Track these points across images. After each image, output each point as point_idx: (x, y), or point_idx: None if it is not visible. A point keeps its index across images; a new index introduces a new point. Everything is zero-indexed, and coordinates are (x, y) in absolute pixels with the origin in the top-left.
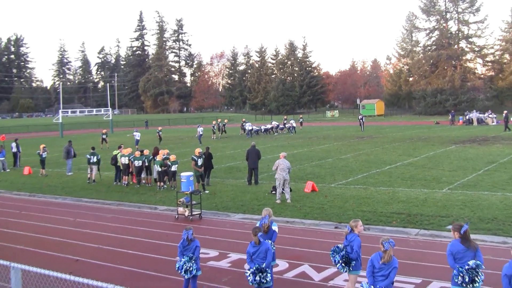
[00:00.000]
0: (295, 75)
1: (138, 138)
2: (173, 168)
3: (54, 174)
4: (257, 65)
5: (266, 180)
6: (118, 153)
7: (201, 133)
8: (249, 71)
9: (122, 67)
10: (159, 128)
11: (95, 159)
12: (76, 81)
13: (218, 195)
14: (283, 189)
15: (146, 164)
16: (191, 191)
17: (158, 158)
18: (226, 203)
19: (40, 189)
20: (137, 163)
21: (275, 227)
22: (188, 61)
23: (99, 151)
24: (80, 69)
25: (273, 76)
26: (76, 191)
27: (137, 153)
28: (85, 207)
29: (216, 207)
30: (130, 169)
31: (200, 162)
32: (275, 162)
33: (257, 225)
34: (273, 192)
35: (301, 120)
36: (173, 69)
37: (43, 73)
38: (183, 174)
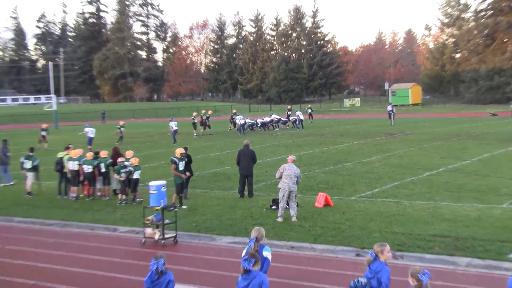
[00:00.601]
0: (302, 51)
1: (92, 136)
2: (135, 175)
3: None
4: (251, 38)
5: (263, 191)
6: (65, 155)
7: (175, 128)
8: (241, 46)
9: (70, 40)
10: (121, 123)
11: (29, 165)
12: (7, 59)
13: (199, 212)
14: (287, 203)
15: (103, 170)
16: (162, 206)
17: (117, 162)
18: (210, 222)
19: None
20: (88, 168)
21: (267, 253)
22: (159, 33)
23: (38, 154)
24: (12, 43)
25: (273, 52)
26: (5, 207)
27: (89, 155)
28: (17, 229)
29: (197, 228)
30: (81, 177)
31: (181, 166)
32: (279, 167)
33: (244, 250)
34: (273, 207)
35: (309, 111)
36: (139, 43)
37: None
38: (152, 183)
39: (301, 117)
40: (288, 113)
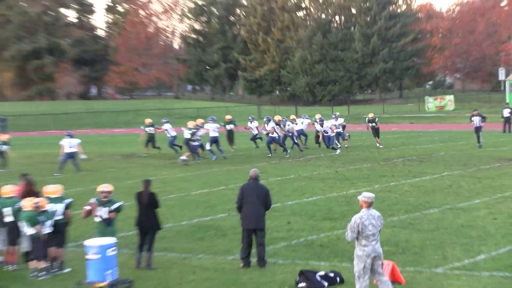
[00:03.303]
0: (353, 11)
1: None
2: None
3: None
4: None
5: (284, 257)
6: None
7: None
8: (245, 3)
9: None
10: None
11: None
12: None
13: None
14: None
15: (7, 218)
16: (111, 282)
17: (28, 205)
18: None
19: None
20: None
21: None
22: None
23: None
24: None
25: (300, 14)
26: None
27: None
28: None
29: None
30: None
31: (104, 213)
32: (353, 222)
33: None
34: (301, 284)
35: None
36: None
37: None
38: (91, 242)
39: (340, 129)
40: (319, 121)
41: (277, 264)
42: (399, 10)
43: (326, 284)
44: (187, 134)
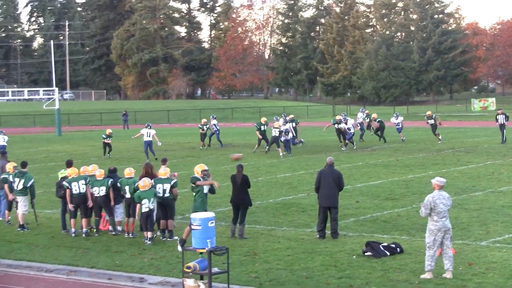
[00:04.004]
0: (412, 29)
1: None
2: (147, 203)
3: None
4: (337, 10)
5: (353, 230)
6: (66, 175)
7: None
8: (323, 21)
9: (80, 9)
10: (108, 132)
11: (21, 185)
12: None
13: (261, 258)
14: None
15: (128, 195)
16: (209, 249)
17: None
18: (277, 273)
19: None
20: (98, 190)
21: None
22: (206, 1)
23: (35, 171)
24: None
25: (368, 31)
26: None
27: (99, 174)
28: (7, 277)
29: (258, 281)
30: (89, 204)
31: (206, 189)
32: (426, 201)
33: None
34: (368, 253)
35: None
36: (176, 15)
37: None
38: (196, 215)
39: (399, 121)
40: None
41: (347, 236)
42: (450, 28)
43: (388, 253)
44: (275, 132)
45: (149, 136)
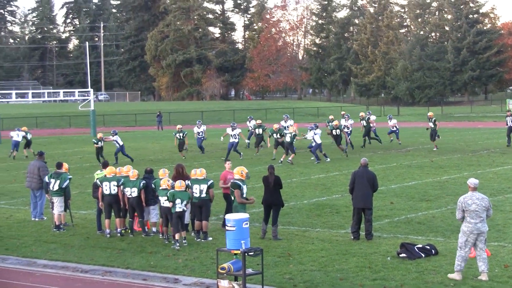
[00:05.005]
0: (446, 29)
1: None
2: (179, 203)
3: None
4: (371, 10)
5: (387, 232)
6: (102, 175)
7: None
8: (357, 21)
9: (114, 11)
10: (99, 136)
11: (57, 186)
12: (27, 38)
13: (295, 259)
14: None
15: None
16: (244, 250)
17: (162, 182)
18: (311, 274)
19: None
20: (130, 191)
21: None
22: (239, 2)
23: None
24: (34, 16)
25: (402, 31)
26: (25, 245)
27: (132, 175)
28: (42, 276)
29: (292, 282)
30: (124, 205)
31: (245, 190)
32: (458, 202)
33: None
34: (403, 255)
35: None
36: (210, 16)
37: None
38: (230, 216)
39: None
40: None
41: (382, 237)
42: (485, 28)
43: (423, 255)
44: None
45: (235, 138)
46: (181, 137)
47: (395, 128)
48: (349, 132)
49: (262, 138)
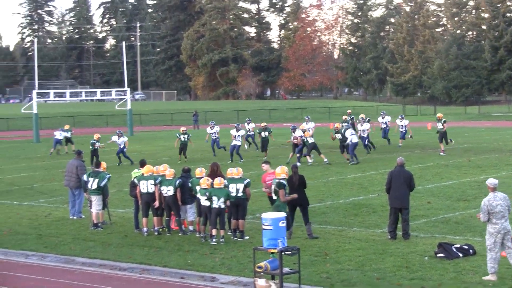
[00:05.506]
0: (483, 27)
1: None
2: (216, 200)
3: (26, 210)
4: (407, 9)
5: (424, 231)
6: (139, 174)
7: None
8: (392, 20)
9: (150, 10)
10: (96, 137)
11: (95, 184)
12: (64, 38)
13: (332, 258)
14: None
15: (196, 193)
16: (281, 249)
17: (202, 181)
18: (348, 273)
19: None
20: (166, 190)
21: None
22: (275, 1)
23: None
24: (72, 16)
25: (439, 30)
26: (64, 243)
27: (169, 173)
28: (81, 274)
29: (329, 281)
30: (156, 204)
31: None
32: (483, 204)
33: None
34: (440, 255)
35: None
36: (246, 15)
37: (2, 24)
38: (267, 215)
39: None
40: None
41: (419, 237)
42: None
43: (461, 255)
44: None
45: (238, 140)
46: (185, 139)
47: (403, 129)
48: (365, 136)
49: (268, 141)
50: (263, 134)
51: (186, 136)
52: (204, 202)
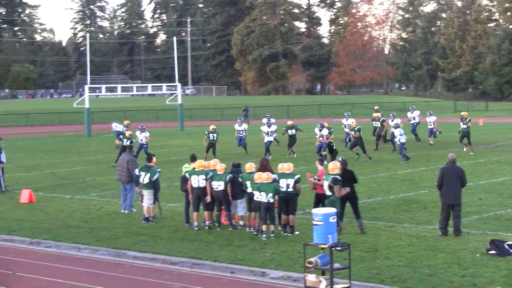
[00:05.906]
0: None
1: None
2: (264, 195)
3: (78, 204)
4: (459, 4)
5: (476, 228)
6: (190, 169)
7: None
8: (444, 15)
9: (201, 6)
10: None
11: (147, 179)
12: (116, 33)
13: (382, 254)
14: None
15: (246, 188)
16: (331, 245)
17: (257, 176)
18: (399, 269)
19: (49, 231)
20: (217, 185)
21: None
22: None
23: (158, 165)
24: (123, 11)
25: (491, 25)
26: (115, 236)
27: (220, 168)
28: (132, 268)
29: (379, 277)
30: (207, 199)
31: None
32: None
33: None
34: (492, 252)
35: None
36: (296, 11)
37: (55, 19)
38: (317, 211)
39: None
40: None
41: (470, 234)
42: None
43: None
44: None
45: (271, 135)
46: (214, 138)
47: (432, 126)
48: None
49: (295, 139)
50: (289, 132)
51: (214, 135)
52: (259, 197)
